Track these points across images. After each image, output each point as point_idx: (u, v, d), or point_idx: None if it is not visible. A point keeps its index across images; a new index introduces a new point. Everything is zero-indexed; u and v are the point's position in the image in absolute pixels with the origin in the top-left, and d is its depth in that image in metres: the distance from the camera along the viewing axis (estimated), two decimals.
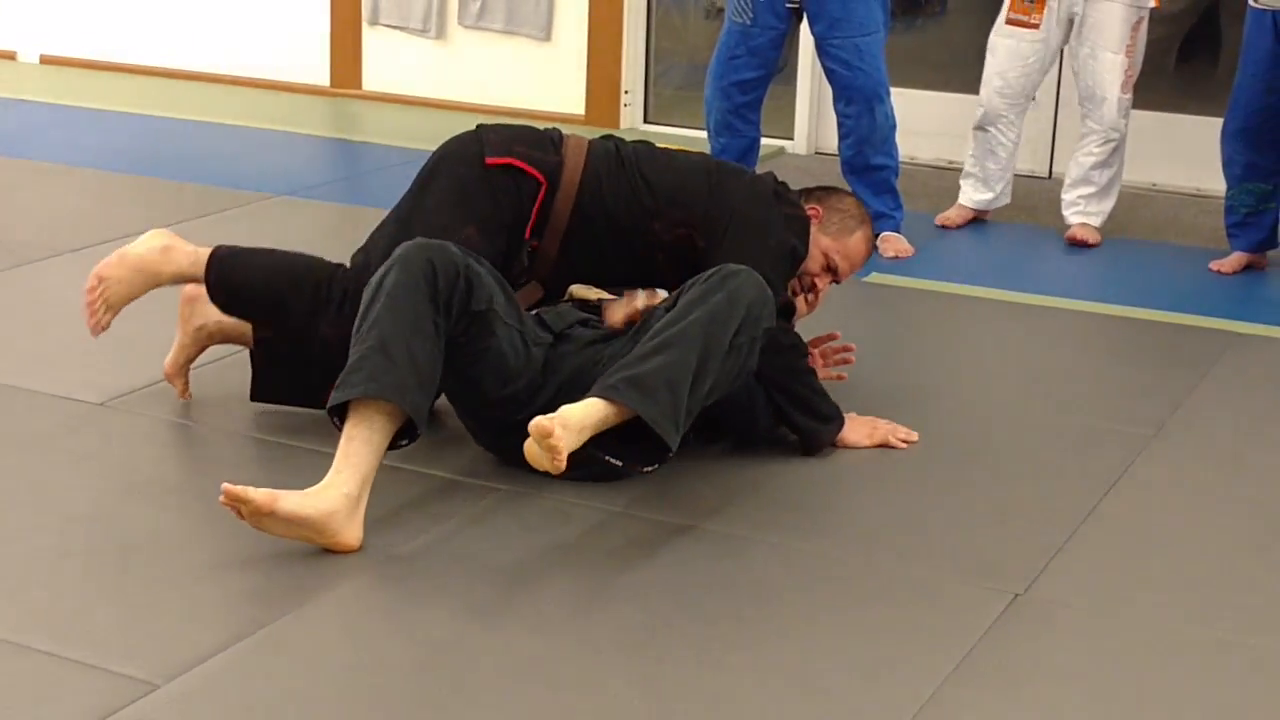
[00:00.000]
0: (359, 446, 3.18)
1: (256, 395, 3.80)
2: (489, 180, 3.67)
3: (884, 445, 3.75)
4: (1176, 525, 3.47)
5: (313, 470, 3.49)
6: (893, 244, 5.44)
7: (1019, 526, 3.40)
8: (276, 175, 6.21)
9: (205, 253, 3.70)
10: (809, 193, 3.98)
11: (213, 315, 3.78)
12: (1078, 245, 5.56)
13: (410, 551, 3.19)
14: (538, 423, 3.11)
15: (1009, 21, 5.60)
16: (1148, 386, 4.28)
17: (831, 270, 3.91)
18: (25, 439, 3.69)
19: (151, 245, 3.72)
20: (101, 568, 3.08)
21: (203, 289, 3.72)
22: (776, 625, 2.97)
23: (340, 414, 3.23)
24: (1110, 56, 5.48)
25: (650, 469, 3.36)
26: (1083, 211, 5.62)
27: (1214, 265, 5.36)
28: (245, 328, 3.76)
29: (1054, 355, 4.54)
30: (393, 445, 3.25)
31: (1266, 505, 3.56)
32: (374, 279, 3.32)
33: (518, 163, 3.68)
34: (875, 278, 5.12)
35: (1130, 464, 3.72)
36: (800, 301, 3.89)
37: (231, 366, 4.09)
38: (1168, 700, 2.77)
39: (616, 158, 3.75)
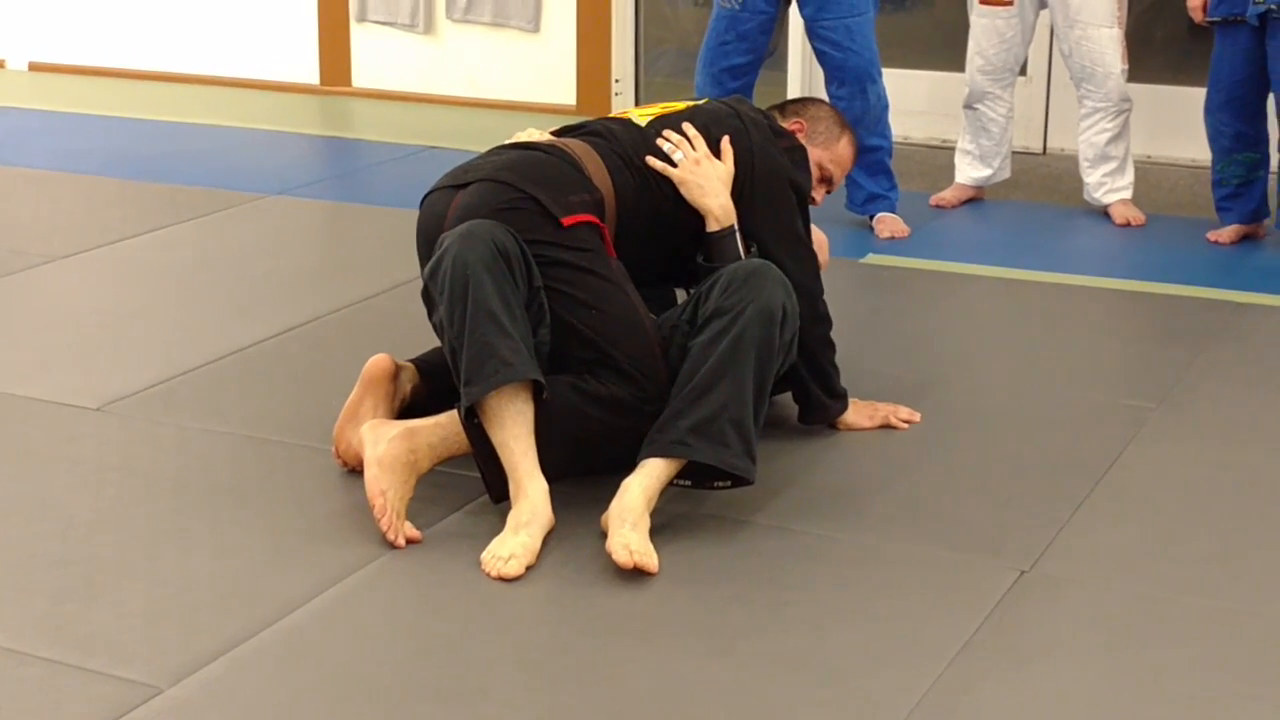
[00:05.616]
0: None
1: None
2: (570, 235, 3.39)
3: (885, 426, 3.75)
4: (1180, 497, 3.45)
5: (310, 469, 3.48)
6: (888, 224, 5.42)
7: (1023, 503, 3.39)
8: (269, 175, 6.19)
9: (450, 420, 3.28)
10: (783, 109, 3.88)
11: (407, 386, 3.54)
12: (1126, 227, 5.53)
13: (411, 546, 3.17)
14: (623, 561, 3.03)
15: (982, 1, 5.61)
16: (1148, 360, 4.27)
17: (826, 181, 3.86)
18: (23, 446, 3.68)
19: (391, 438, 3.23)
20: (102, 573, 3.07)
21: (393, 367, 3.50)
22: (783, 609, 2.95)
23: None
24: (1105, 32, 5.47)
25: (723, 485, 3.28)
26: (1113, 189, 5.60)
27: (1211, 236, 5.34)
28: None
29: (1053, 331, 4.53)
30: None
31: (1271, 474, 3.54)
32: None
33: (585, 217, 3.41)
34: (872, 259, 5.11)
35: (1133, 438, 3.71)
36: None
37: (229, 369, 4.08)
38: (1177, 673, 2.75)
39: (621, 160, 3.55)
